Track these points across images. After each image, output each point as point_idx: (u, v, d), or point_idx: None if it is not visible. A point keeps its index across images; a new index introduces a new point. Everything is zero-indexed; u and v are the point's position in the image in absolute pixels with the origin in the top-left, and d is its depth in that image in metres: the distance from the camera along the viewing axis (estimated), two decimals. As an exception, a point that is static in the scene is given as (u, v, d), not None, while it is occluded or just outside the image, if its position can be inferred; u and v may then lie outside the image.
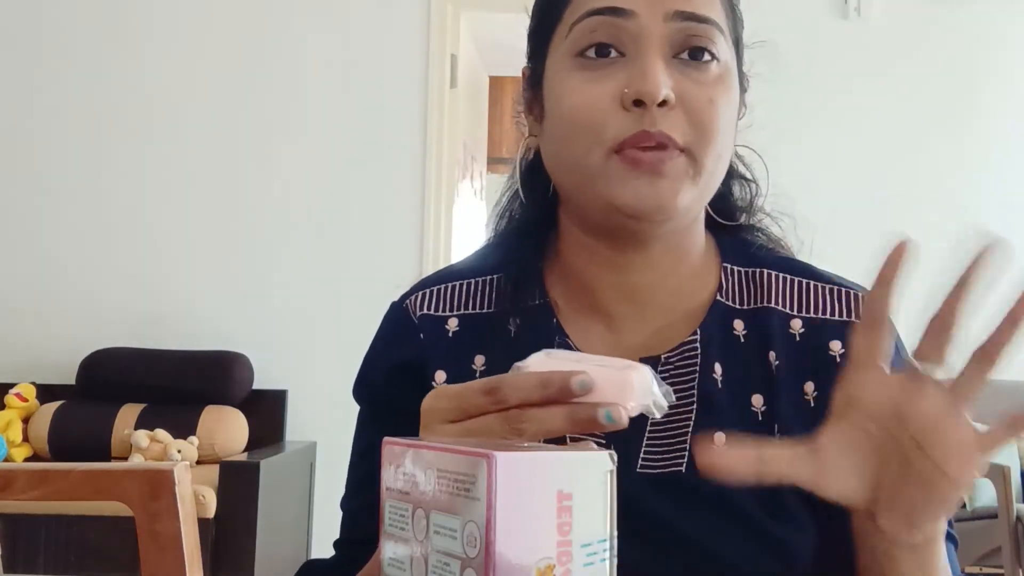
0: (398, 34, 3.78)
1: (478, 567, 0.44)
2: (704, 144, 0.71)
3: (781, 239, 0.86)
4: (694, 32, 0.71)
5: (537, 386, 0.54)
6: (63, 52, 3.79)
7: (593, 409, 0.53)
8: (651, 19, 0.71)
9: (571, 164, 0.75)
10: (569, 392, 0.53)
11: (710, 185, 0.75)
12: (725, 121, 0.73)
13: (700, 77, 0.72)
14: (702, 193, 0.74)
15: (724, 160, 0.75)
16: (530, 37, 0.81)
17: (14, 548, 2.84)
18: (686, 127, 0.71)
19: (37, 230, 3.76)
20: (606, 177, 0.72)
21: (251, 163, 3.77)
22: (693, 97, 0.71)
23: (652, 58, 0.70)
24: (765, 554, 0.71)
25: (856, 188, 3.84)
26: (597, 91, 0.71)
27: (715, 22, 0.72)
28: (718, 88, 0.72)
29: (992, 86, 3.92)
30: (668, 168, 0.71)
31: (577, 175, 0.75)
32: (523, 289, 0.81)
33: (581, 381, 0.53)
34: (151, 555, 0.87)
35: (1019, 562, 2.89)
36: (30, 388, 3.47)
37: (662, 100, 0.69)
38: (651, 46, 0.71)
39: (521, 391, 0.54)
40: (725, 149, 0.74)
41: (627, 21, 0.71)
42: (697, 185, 0.73)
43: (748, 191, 0.85)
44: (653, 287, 0.79)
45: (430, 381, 0.80)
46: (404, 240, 3.73)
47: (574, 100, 0.72)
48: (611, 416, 0.53)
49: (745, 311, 0.79)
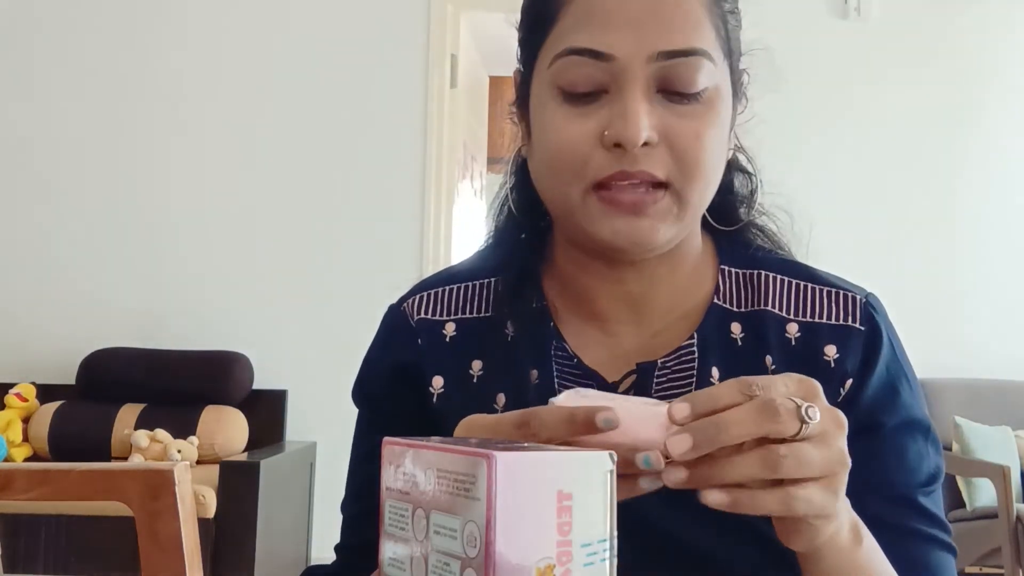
0: (398, 34, 3.78)
1: (478, 567, 0.44)
2: (689, 180, 0.70)
3: (779, 239, 0.85)
4: (679, 70, 0.69)
5: (564, 421, 0.54)
6: (64, 52, 3.79)
7: (631, 454, 0.53)
8: (633, 61, 0.68)
9: (553, 197, 0.75)
10: (594, 427, 0.53)
11: (696, 215, 0.74)
12: (712, 152, 0.71)
13: (686, 111, 0.70)
14: (686, 226, 0.74)
15: (711, 188, 0.74)
16: (519, 45, 0.80)
17: (14, 548, 2.84)
18: (670, 164, 0.70)
19: (37, 230, 3.76)
20: (585, 214, 0.71)
21: (251, 163, 3.77)
22: (677, 134, 0.69)
23: (633, 100, 0.68)
24: (761, 555, 0.71)
25: (855, 188, 3.84)
26: (578, 129, 0.70)
27: (701, 51, 0.69)
28: (704, 120, 0.70)
29: (992, 86, 3.92)
30: (651, 209, 0.70)
31: (559, 207, 0.75)
32: (520, 293, 0.81)
33: (606, 418, 0.53)
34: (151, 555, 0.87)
35: (1019, 562, 2.89)
36: (30, 388, 3.47)
37: (644, 142, 0.68)
38: (633, 87, 0.68)
39: (549, 427, 0.54)
40: (713, 179, 0.73)
41: (608, 64, 0.69)
42: (682, 220, 0.72)
43: (749, 183, 0.84)
44: (649, 294, 0.79)
45: (428, 386, 0.80)
46: (404, 240, 3.73)
47: (557, 136, 0.71)
48: (649, 461, 0.53)
49: (742, 314, 0.79)
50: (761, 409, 0.53)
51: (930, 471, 0.76)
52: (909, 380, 0.78)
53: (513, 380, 0.78)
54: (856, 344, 0.76)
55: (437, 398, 0.80)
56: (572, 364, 0.78)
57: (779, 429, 0.53)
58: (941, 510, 0.77)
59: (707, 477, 0.54)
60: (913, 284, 3.68)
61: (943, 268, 3.87)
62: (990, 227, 3.91)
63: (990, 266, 3.89)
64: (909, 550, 0.73)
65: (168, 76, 3.79)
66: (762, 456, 0.53)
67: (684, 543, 0.73)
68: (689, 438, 0.52)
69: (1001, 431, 3.50)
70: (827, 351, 0.76)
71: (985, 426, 3.49)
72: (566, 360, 0.79)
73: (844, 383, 0.75)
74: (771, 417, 0.53)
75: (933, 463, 0.76)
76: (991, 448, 3.37)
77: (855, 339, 0.76)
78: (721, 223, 0.82)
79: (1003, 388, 3.73)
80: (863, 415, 0.74)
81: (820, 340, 0.76)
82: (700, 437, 0.52)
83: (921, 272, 3.81)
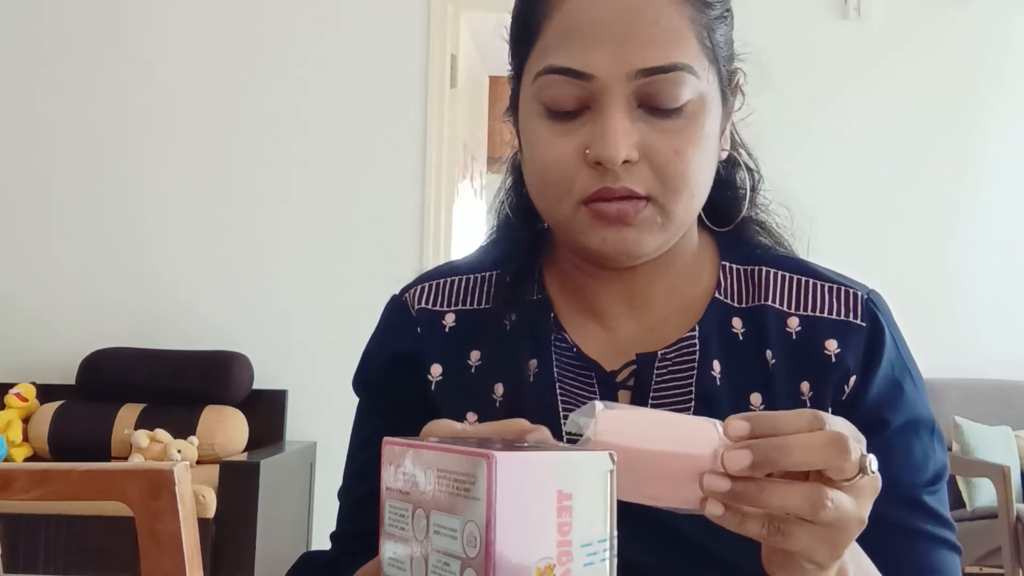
0: (398, 34, 3.78)
1: (478, 567, 0.44)
2: (671, 195, 0.71)
3: (781, 236, 0.85)
4: (659, 87, 0.69)
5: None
6: (64, 52, 3.79)
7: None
8: (613, 79, 0.69)
9: (544, 209, 0.76)
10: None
11: (683, 225, 0.75)
12: (694, 166, 0.71)
13: (668, 126, 0.70)
14: (673, 234, 0.74)
15: (698, 199, 0.74)
16: (509, 53, 0.80)
17: (14, 548, 2.84)
18: (652, 180, 0.70)
19: (38, 230, 3.76)
20: (575, 225, 0.73)
21: (251, 163, 3.77)
22: (658, 151, 0.70)
23: (612, 119, 0.69)
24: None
25: (854, 187, 3.84)
26: (562, 147, 0.71)
27: (683, 65, 0.69)
28: (686, 135, 0.71)
29: (992, 86, 3.92)
30: (635, 219, 0.71)
31: (551, 219, 0.76)
32: (520, 286, 0.82)
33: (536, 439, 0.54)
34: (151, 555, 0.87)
35: (1019, 562, 2.89)
36: (30, 388, 3.47)
37: (624, 160, 0.69)
38: (613, 105, 0.69)
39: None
40: (697, 191, 0.73)
41: (587, 83, 0.69)
42: (667, 230, 0.73)
43: (751, 179, 0.85)
44: (647, 291, 0.80)
45: (426, 373, 0.81)
46: (404, 240, 3.73)
47: (543, 155, 0.72)
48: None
49: (743, 309, 0.79)
50: (832, 442, 0.52)
51: (936, 469, 0.75)
52: (914, 377, 0.78)
53: (511, 370, 0.79)
54: (857, 340, 0.76)
55: (435, 386, 0.81)
56: (572, 355, 0.79)
57: (843, 468, 0.52)
58: (947, 508, 0.76)
59: (742, 494, 0.53)
60: (913, 283, 3.68)
61: (943, 267, 3.87)
62: (990, 226, 3.91)
63: (990, 265, 3.89)
64: (914, 550, 0.73)
65: (170, 76, 3.79)
66: (809, 493, 0.52)
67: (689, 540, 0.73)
68: (749, 454, 0.52)
69: (1001, 431, 3.50)
70: (828, 345, 0.76)
71: (985, 426, 3.49)
72: (566, 351, 0.79)
73: (848, 380, 0.75)
74: (839, 454, 0.52)
75: (939, 461, 0.76)
76: (991, 448, 3.37)
77: (856, 335, 0.76)
78: (721, 220, 0.83)
79: (1003, 388, 3.73)
80: (868, 413, 0.74)
81: (820, 334, 0.77)
82: (761, 456, 0.52)
83: (921, 271, 3.81)
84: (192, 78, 3.79)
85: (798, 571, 0.57)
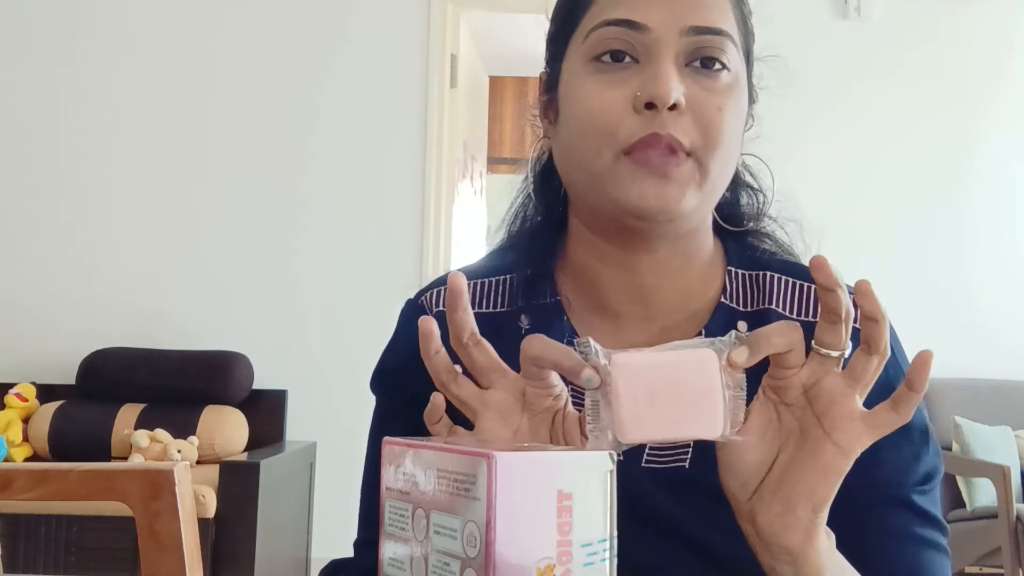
0: (398, 34, 3.78)
1: (478, 567, 0.44)
2: (710, 150, 0.73)
3: (787, 244, 0.87)
4: (707, 44, 0.73)
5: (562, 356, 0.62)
6: (64, 52, 3.79)
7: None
8: (666, 32, 0.73)
9: (582, 165, 0.76)
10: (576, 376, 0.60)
11: (715, 190, 0.76)
12: (732, 129, 0.74)
13: (710, 85, 0.73)
14: (707, 197, 0.76)
15: (730, 166, 0.76)
16: (548, 42, 0.83)
17: (14, 548, 2.84)
18: (694, 132, 0.72)
19: (38, 230, 3.76)
20: (614, 178, 0.73)
21: (250, 164, 3.77)
22: (702, 103, 0.73)
23: (665, 65, 0.72)
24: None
25: (854, 187, 3.84)
26: (611, 95, 0.73)
27: (728, 34, 0.74)
28: (727, 96, 0.74)
29: (993, 85, 3.92)
30: (675, 172, 0.72)
31: (587, 175, 0.76)
32: (535, 288, 0.83)
33: (588, 377, 0.60)
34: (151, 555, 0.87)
35: (1019, 562, 2.89)
36: (30, 388, 3.47)
37: (673, 104, 0.71)
38: (664, 55, 0.72)
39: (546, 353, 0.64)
40: (731, 156, 0.76)
41: (642, 34, 0.73)
42: (702, 190, 0.74)
43: (756, 200, 0.87)
44: (660, 287, 0.80)
45: None
46: (404, 240, 3.73)
47: (589, 103, 0.74)
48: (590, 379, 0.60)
49: (748, 313, 0.80)
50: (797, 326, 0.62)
51: (926, 470, 0.76)
52: None
53: None
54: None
55: None
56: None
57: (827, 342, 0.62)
58: (938, 509, 0.76)
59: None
60: (912, 283, 3.68)
61: (943, 267, 3.87)
62: (991, 227, 3.91)
63: (990, 265, 3.89)
64: (900, 550, 0.73)
65: (170, 77, 3.79)
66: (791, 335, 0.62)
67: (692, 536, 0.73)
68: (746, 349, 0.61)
69: (1001, 431, 3.50)
70: None
71: (985, 426, 3.49)
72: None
73: None
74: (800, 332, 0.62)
75: (930, 463, 0.76)
76: (991, 448, 3.37)
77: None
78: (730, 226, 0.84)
79: (1003, 388, 3.73)
80: None
81: None
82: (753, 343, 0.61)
83: (920, 271, 3.81)
84: (191, 79, 3.79)
85: (791, 517, 0.61)
